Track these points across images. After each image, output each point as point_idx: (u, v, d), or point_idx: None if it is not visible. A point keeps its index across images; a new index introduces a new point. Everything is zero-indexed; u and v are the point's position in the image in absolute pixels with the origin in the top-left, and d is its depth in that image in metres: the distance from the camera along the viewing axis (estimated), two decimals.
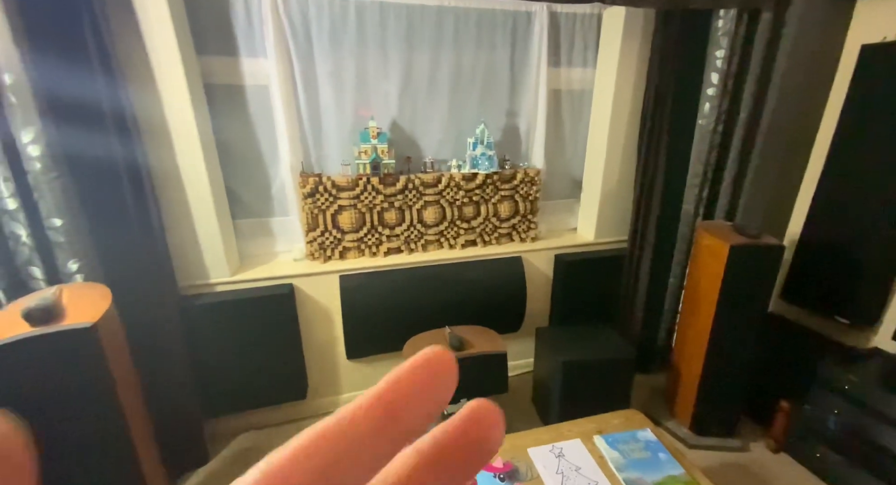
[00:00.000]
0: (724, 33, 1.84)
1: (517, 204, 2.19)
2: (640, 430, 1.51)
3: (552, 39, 2.05)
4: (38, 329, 1.01)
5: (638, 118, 2.09)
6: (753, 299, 1.77)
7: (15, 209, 1.26)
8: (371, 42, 1.86)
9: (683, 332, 2.04)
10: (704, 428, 1.98)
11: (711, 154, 2.04)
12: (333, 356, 2.10)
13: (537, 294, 2.32)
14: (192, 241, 1.73)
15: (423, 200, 2.02)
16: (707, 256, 1.84)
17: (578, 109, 2.25)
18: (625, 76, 2.04)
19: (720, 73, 1.90)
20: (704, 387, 1.90)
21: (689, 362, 1.95)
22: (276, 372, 1.96)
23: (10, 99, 1.18)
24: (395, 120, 2.01)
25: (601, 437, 1.46)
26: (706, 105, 1.98)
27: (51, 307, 1.06)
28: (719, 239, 1.77)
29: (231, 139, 1.84)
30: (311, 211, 1.89)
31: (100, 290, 1.23)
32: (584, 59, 2.15)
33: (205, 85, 1.72)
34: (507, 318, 2.23)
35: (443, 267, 2.08)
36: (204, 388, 1.86)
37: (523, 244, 2.25)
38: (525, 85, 2.12)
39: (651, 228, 2.19)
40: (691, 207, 2.12)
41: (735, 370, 1.86)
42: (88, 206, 1.40)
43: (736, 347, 1.82)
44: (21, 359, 0.98)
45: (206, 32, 1.68)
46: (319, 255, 1.97)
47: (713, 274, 1.79)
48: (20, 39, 1.18)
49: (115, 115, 1.40)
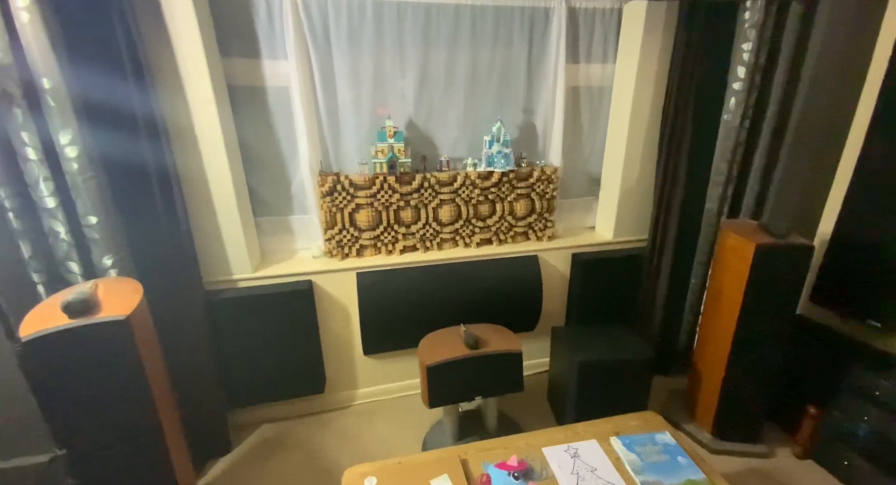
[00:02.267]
0: (752, 25, 1.77)
1: (533, 202, 2.18)
2: (658, 432, 1.49)
3: (570, 35, 2.03)
4: (76, 321, 1.07)
5: (659, 114, 2.05)
6: (780, 302, 1.71)
7: (54, 207, 1.34)
8: (388, 41, 1.87)
9: (705, 334, 1.99)
10: (726, 433, 1.93)
11: (737, 151, 1.97)
12: (350, 352, 2.14)
13: (554, 293, 2.30)
14: (216, 238, 1.79)
15: (439, 199, 2.04)
16: (731, 256, 1.79)
17: (597, 106, 2.22)
18: (646, 71, 1.99)
19: (747, 67, 1.83)
20: (727, 391, 1.85)
21: (711, 365, 1.91)
22: (296, 366, 2.02)
23: (49, 102, 1.25)
24: (411, 119, 2.03)
25: (618, 438, 1.45)
26: (732, 100, 1.92)
27: (88, 300, 1.12)
28: (745, 238, 1.71)
29: (253, 139, 1.89)
30: (329, 209, 1.93)
31: (132, 284, 1.29)
32: (603, 54, 2.12)
33: (229, 87, 1.77)
34: (523, 317, 2.22)
35: (458, 265, 2.09)
36: (228, 379, 1.93)
37: (540, 243, 2.24)
38: (542, 82, 2.10)
39: (672, 226, 2.14)
40: (714, 206, 2.07)
41: (760, 374, 1.80)
42: (121, 204, 1.47)
43: (761, 350, 1.76)
44: (60, 348, 1.05)
45: (231, 36, 1.73)
46: (337, 252, 2.01)
47: (738, 275, 1.74)
48: (58, 46, 1.25)
49: (146, 118, 1.47)
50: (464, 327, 1.87)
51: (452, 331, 1.89)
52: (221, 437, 1.94)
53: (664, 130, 2.02)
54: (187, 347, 1.72)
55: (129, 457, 1.21)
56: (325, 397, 2.16)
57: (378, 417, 2.15)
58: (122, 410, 1.16)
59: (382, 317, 2.02)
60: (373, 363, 2.20)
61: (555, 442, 1.45)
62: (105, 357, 1.10)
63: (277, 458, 1.92)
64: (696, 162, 2.04)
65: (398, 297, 2.01)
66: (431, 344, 1.83)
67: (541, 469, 1.34)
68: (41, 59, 1.21)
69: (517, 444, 1.45)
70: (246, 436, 2.04)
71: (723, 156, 1.99)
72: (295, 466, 1.88)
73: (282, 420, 2.12)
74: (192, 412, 1.79)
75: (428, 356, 1.74)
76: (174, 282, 1.64)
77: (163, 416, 1.25)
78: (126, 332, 1.11)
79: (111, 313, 1.11)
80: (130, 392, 1.16)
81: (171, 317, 1.65)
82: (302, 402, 2.13)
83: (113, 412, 1.15)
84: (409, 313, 2.02)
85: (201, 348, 1.77)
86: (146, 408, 1.19)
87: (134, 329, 1.13)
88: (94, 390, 1.11)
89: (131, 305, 1.16)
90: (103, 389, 1.12)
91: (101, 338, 1.09)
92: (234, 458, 1.94)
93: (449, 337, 1.85)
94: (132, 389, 1.15)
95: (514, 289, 2.14)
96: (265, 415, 2.11)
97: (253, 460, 1.91)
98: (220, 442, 1.94)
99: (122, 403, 1.15)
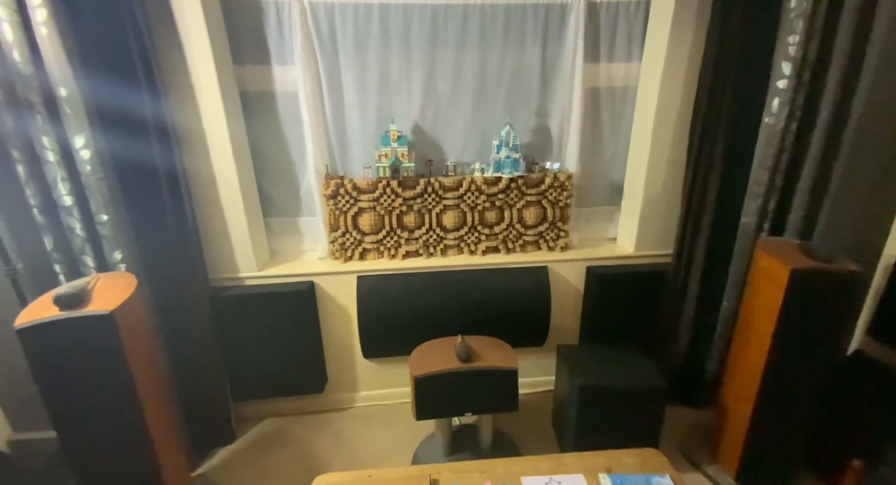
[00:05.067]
0: (799, 14, 1.54)
1: (545, 210, 2.05)
2: (657, 475, 1.33)
3: (590, 33, 1.89)
4: (64, 313, 1.15)
5: (688, 115, 1.84)
6: (820, 334, 1.47)
7: (70, 205, 1.45)
8: (395, 44, 1.85)
9: (734, 365, 1.76)
10: (752, 478, 1.69)
11: (780, 158, 1.73)
12: (351, 354, 2.15)
13: (565, 308, 2.16)
14: (223, 237, 1.87)
15: (443, 204, 1.98)
16: (763, 279, 1.57)
17: (620, 108, 2.05)
18: (674, 69, 1.81)
19: (793, 63, 1.59)
20: (754, 431, 1.63)
21: (738, 401, 1.68)
22: (297, 364, 2.05)
23: (65, 110, 1.36)
24: (417, 122, 1.99)
25: (608, 476, 1.31)
26: (775, 101, 1.68)
27: (78, 294, 1.20)
28: (779, 261, 1.49)
29: (264, 143, 1.95)
30: (332, 212, 1.95)
31: (127, 279, 1.37)
32: (627, 52, 1.95)
33: (241, 93, 1.84)
34: (530, 331, 2.10)
35: (461, 273, 2.02)
36: (232, 373, 2.00)
37: (551, 253, 2.11)
38: (558, 83, 1.98)
39: (701, 241, 1.92)
40: (752, 220, 1.82)
41: (794, 416, 1.56)
42: (131, 204, 1.57)
43: (795, 389, 1.52)
44: (48, 338, 1.13)
45: (243, 45, 1.79)
46: (340, 255, 2.02)
47: (770, 302, 1.52)
48: (73, 58, 1.35)
49: (157, 123, 1.55)
50: (460, 339, 1.80)
51: (448, 342, 1.83)
52: (226, 427, 2.02)
53: (694, 133, 1.81)
54: (193, 341, 1.81)
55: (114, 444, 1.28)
56: (326, 397, 2.19)
57: (374, 422, 2.14)
58: (107, 399, 1.23)
59: (380, 322, 2.00)
60: (373, 367, 2.19)
61: (536, 472, 1.34)
62: (90, 349, 1.17)
63: (273, 453, 1.97)
64: (731, 170, 1.81)
65: (398, 302, 1.98)
66: (424, 354, 1.78)
67: None
68: (58, 69, 1.32)
69: (496, 469, 1.36)
70: (250, 428, 2.11)
71: (763, 164, 1.75)
72: (288, 462, 1.91)
73: (284, 416, 2.17)
74: (198, 403, 1.88)
75: (417, 367, 1.69)
76: (180, 277, 1.72)
77: (150, 412, 1.31)
78: (110, 326, 1.17)
79: (98, 308, 1.18)
80: (114, 383, 1.22)
81: (177, 311, 1.74)
82: (303, 400, 2.17)
83: (99, 401, 1.23)
84: (409, 320, 1.98)
85: (206, 342, 1.85)
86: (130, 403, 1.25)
87: (119, 324, 1.19)
88: (81, 379, 1.19)
89: (119, 300, 1.22)
90: (89, 379, 1.19)
91: (87, 331, 1.16)
92: (236, 447, 2.01)
93: (443, 348, 1.79)
94: (116, 380, 1.22)
95: (520, 301, 2.03)
96: (269, 409, 2.17)
97: (251, 453, 1.98)
98: (224, 432, 2.02)
99: (106, 392, 1.22)
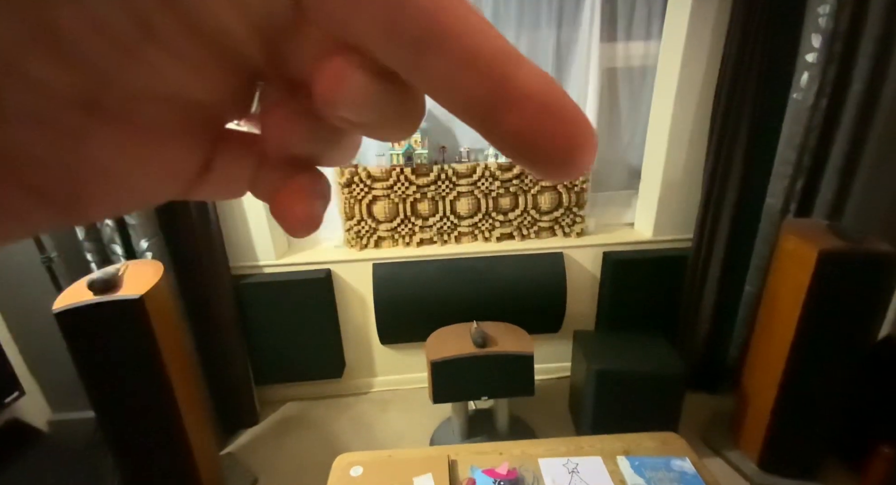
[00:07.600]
0: None
1: (560, 195, 2.03)
2: (677, 457, 1.32)
3: (606, 11, 1.83)
4: (97, 297, 1.20)
5: (710, 93, 1.78)
6: (850, 319, 1.42)
7: None
8: None
9: (756, 350, 1.72)
10: (776, 465, 1.66)
11: (809, 136, 1.65)
12: (368, 340, 2.19)
13: (581, 294, 2.14)
14: (242, 226, 1.92)
15: (457, 191, 1.98)
16: (789, 262, 1.52)
17: (639, 89, 1.99)
18: (696, 46, 1.74)
19: (823, 34, 1.51)
20: (778, 418, 1.59)
21: (761, 387, 1.65)
22: (316, 350, 2.11)
23: None
24: (430, 108, 1.98)
25: (626, 458, 1.31)
26: (804, 75, 1.60)
27: (110, 279, 1.25)
28: (807, 242, 1.44)
29: None
30: (347, 200, 1.97)
31: (155, 266, 1.43)
32: (646, 30, 1.89)
33: None
34: (545, 317, 2.10)
35: (476, 260, 2.02)
36: (255, 358, 2.07)
37: (567, 239, 2.09)
38: (574, 65, 1.93)
39: (723, 224, 1.87)
40: (778, 202, 1.76)
41: (820, 403, 1.52)
42: None
43: (821, 376, 1.48)
44: (83, 321, 1.19)
45: None
46: (356, 243, 2.05)
47: (796, 285, 1.47)
48: None
49: None
50: (475, 324, 1.81)
51: (464, 327, 1.84)
52: (250, 410, 2.10)
53: (716, 111, 1.75)
54: (217, 327, 1.87)
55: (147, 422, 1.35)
56: (345, 381, 2.24)
57: (392, 406, 2.19)
58: (139, 379, 1.29)
59: (396, 308, 2.02)
60: (390, 353, 2.23)
61: (554, 454, 1.35)
62: (122, 331, 1.23)
63: (295, 435, 2.04)
64: (756, 149, 1.75)
65: (413, 289, 2.00)
66: (440, 339, 1.80)
67: (532, 481, 1.25)
68: None
69: (513, 451, 1.37)
70: (273, 411, 2.19)
71: (790, 143, 1.68)
72: (309, 444, 1.98)
73: (304, 400, 2.24)
74: (223, 386, 1.95)
75: (434, 351, 1.71)
76: (203, 266, 1.78)
77: (179, 391, 1.37)
78: (140, 309, 1.23)
79: (129, 292, 1.23)
80: (146, 363, 1.28)
81: (201, 298, 1.80)
82: (323, 385, 2.22)
83: (132, 380, 1.29)
84: (424, 306, 2.00)
85: (229, 329, 1.91)
86: (160, 382, 1.31)
87: (148, 308, 1.25)
88: (114, 360, 1.25)
89: (148, 285, 1.28)
90: (122, 359, 1.26)
91: (119, 313, 1.21)
92: (259, 430, 2.09)
93: (459, 333, 1.80)
94: (147, 360, 1.28)
95: (535, 287, 2.03)
96: (291, 393, 2.24)
97: (274, 434, 2.05)
98: (248, 414, 2.10)
99: (138, 372, 1.28)
